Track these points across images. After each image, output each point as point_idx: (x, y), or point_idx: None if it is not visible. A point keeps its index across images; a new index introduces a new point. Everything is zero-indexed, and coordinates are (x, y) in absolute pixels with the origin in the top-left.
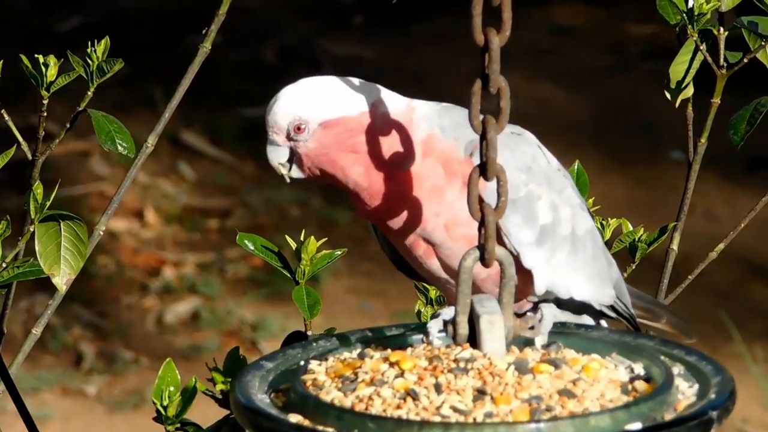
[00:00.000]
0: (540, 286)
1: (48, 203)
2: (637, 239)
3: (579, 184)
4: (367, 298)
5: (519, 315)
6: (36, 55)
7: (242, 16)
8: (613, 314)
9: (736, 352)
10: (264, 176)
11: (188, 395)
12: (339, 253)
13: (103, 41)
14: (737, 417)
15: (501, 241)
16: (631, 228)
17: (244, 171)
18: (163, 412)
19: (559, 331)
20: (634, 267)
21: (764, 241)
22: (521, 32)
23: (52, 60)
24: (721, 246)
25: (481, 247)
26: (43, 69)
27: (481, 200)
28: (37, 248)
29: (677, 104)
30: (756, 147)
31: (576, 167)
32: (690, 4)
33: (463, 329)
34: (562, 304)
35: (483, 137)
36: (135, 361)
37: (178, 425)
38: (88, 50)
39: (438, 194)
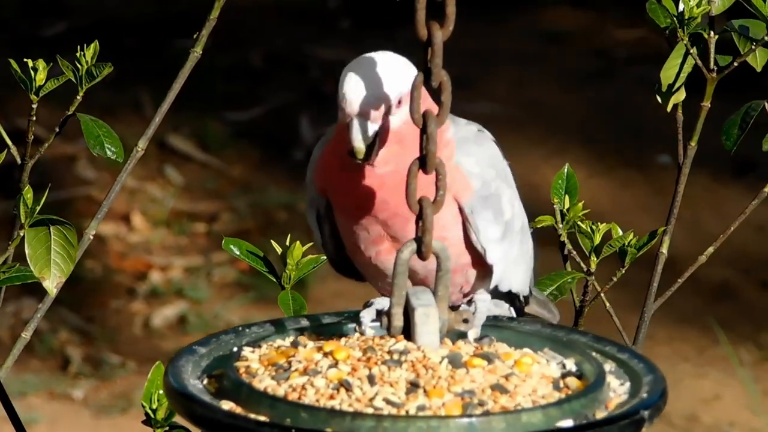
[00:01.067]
0: (495, 280)
1: (38, 207)
2: (626, 244)
3: (569, 187)
4: (353, 303)
5: (453, 308)
6: (25, 60)
7: (229, 21)
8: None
9: (723, 355)
10: (251, 180)
11: None
12: (325, 258)
13: (92, 45)
14: (724, 421)
15: (468, 238)
16: (620, 233)
17: (232, 175)
18: (152, 416)
19: (492, 324)
20: (623, 272)
21: (751, 245)
22: (508, 37)
23: (41, 64)
24: (711, 249)
25: (419, 240)
26: (32, 73)
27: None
28: (27, 252)
29: (669, 109)
30: (743, 151)
31: (566, 170)
32: (680, 8)
33: (398, 321)
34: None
35: (423, 131)
36: (122, 365)
37: (167, 429)
38: (77, 54)
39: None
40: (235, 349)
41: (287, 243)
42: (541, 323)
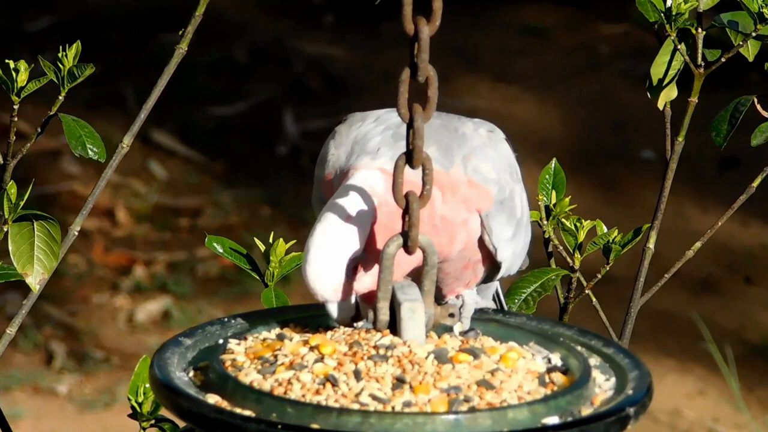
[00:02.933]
0: (501, 274)
1: (22, 203)
2: (611, 241)
3: (556, 182)
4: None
5: (440, 302)
6: (6, 61)
7: (212, 15)
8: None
9: (706, 351)
10: (234, 175)
11: None
12: None
13: (74, 45)
14: (708, 416)
15: (481, 238)
16: (605, 229)
17: (215, 170)
18: (138, 409)
19: (477, 317)
20: (608, 268)
21: (736, 241)
22: (491, 33)
23: (22, 65)
24: (698, 244)
25: (405, 235)
26: (14, 74)
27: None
28: (10, 248)
29: (661, 106)
30: (727, 146)
31: (553, 165)
32: (668, 4)
33: (384, 315)
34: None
35: (410, 125)
36: (106, 360)
37: (153, 422)
38: (60, 54)
39: (464, 226)
40: (221, 341)
41: (270, 240)
42: (526, 316)
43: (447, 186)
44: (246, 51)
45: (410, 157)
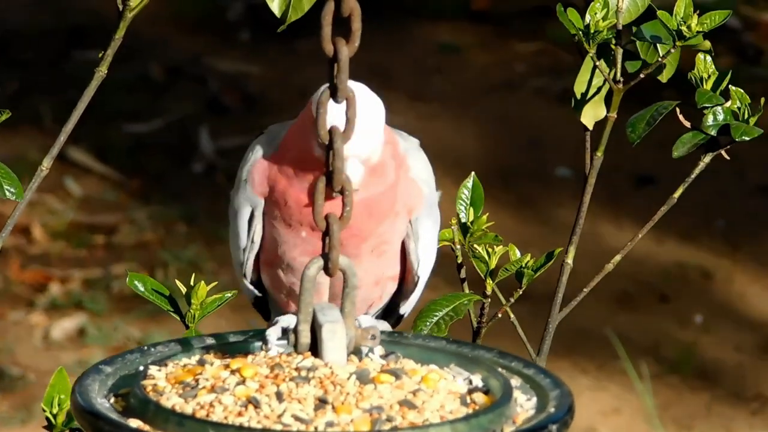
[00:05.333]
0: (416, 295)
1: None
2: (523, 266)
3: (474, 198)
4: (253, 314)
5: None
6: None
7: (129, 33)
8: None
9: (622, 369)
10: (150, 192)
11: None
12: (229, 295)
13: None
14: None
15: (404, 249)
16: (518, 254)
17: (131, 187)
18: (53, 420)
19: (397, 340)
20: (520, 293)
21: (649, 258)
22: (407, 50)
23: None
24: (618, 257)
25: (326, 257)
26: None
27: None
28: None
29: (590, 125)
30: (643, 164)
31: (472, 181)
32: (587, 21)
33: (305, 338)
34: None
35: (330, 147)
36: (22, 377)
37: None
38: None
39: (394, 217)
40: (142, 368)
41: (192, 282)
42: (446, 340)
43: (398, 160)
44: (162, 68)
45: (330, 178)
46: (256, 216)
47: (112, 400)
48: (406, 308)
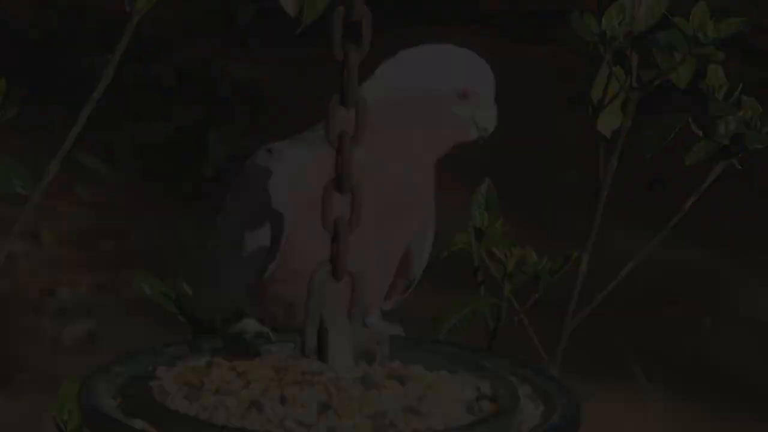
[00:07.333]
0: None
1: None
2: (539, 269)
3: (489, 203)
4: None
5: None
6: None
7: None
8: None
9: (630, 373)
10: (160, 197)
11: None
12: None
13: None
14: None
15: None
16: (535, 257)
17: (140, 191)
18: (63, 429)
19: (405, 345)
20: (537, 297)
21: (663, 262)
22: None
23: None
24: (630, 266)
25: (333, 261)
26: None
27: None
28: None
29: (608, 134)
30: (652, 168)
31: (486, 187)
32: (603, 26)
33: (312, 341)
34: None
35: (339, 152)
36: (31, 383)
37: None
38: None
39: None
40: (150, 368)
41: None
42: (458, 346)
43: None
44: (171, 73)
45: (339, 183)
46: (285, 227)
47: (119, 400)
48: (389, 305)
